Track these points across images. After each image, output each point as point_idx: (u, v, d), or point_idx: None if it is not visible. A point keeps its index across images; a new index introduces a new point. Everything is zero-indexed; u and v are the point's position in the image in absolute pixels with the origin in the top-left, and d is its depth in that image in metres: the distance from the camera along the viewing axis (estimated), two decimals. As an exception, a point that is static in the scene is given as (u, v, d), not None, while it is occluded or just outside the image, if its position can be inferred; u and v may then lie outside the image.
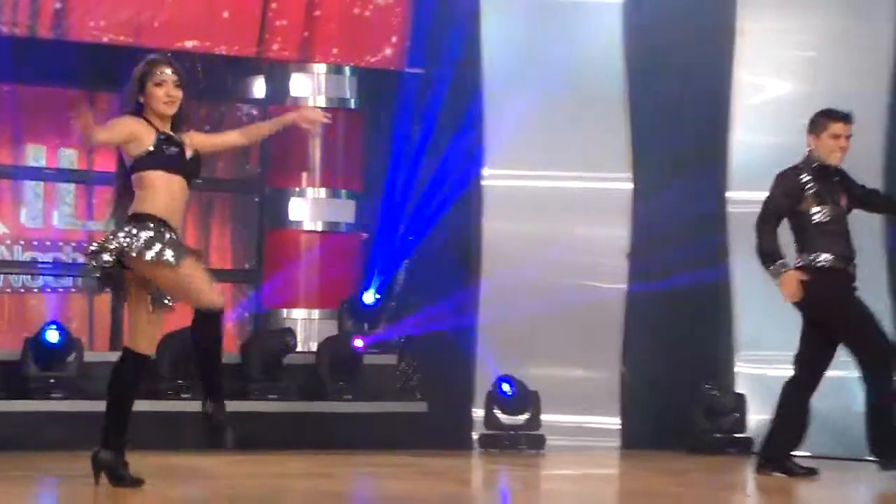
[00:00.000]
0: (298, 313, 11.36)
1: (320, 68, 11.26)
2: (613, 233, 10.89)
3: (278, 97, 11.46)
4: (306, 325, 11.34)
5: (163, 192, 6.66)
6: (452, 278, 10.72)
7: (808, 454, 10.16)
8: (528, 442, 10.25)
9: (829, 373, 10.61)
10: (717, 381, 10.58)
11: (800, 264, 8.22)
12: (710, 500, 7.42)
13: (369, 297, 10.97)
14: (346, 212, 11.43)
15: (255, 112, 11.65)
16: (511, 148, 10.82)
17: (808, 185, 8.25)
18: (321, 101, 11.31)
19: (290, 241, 11.37)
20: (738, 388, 10.59)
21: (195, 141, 6.88)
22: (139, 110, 6.74)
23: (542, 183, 10.88)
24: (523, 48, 10.91)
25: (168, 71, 6.71)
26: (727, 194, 10.84)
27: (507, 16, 10.97)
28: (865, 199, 8.55)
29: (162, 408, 9.93)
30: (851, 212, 8.44)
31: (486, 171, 10.78)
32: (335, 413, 10.38)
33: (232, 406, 10.07)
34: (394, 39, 10.77)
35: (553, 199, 10.86)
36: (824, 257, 8.20)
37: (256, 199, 11.64)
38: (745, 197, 10.82)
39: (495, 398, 10.29)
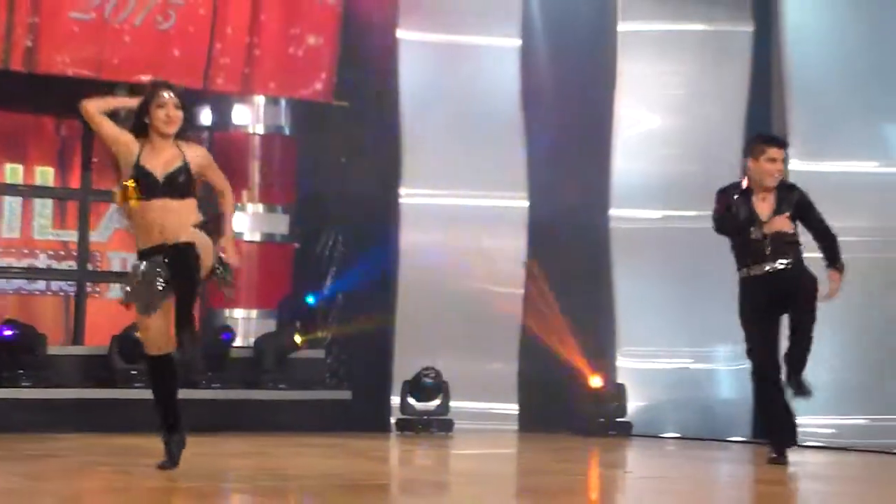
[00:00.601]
0: (239, 312, 11.26)
1: (259, 100, 11.23)
2: (512, 244, 10.86)
3: (222, 124, 11.39)
4: (245, 323, 11.26)
5: (141, 220, 6.45)
6: (373, 284, 10.66)
7: (677, 435, 10.23)
8: (438, 425, 10.19)
9: (698, 365, 10.76)
10: (601, 372, 10.58)
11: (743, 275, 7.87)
12: (594, 476, 7.39)
13: (305, 298, 10.93)
14: (281, 224, 11.37)
15: (203, 136, 11.56)
16: (425, 170, 10.77)
17: (731, 204, 7.78)
18: (259, 129, 11.30)
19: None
20: (619, 379, 10.56)
21: (193, 154, 6.60)
22: (144, 132, 6.52)
23: (451, 200, 10.83)
24: (434, 84, 10.87)
25: (167, 94, 6.53)
26: (609, 212, 10.85)
27: (420, 56, 10.92)
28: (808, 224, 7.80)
29: (116, 395, 9.82)
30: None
31: (402, 191, 10.72)
32: (271, 400, 10.29)
33: (182, 394, 10.10)
34: (323, 75, 10.71)
35: (460, 214, 10.82)
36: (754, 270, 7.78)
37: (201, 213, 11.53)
38: (625, 214, 10.88)
39: (410, 386, 10.24)
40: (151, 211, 6.42)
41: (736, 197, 7.72)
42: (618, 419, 10.35)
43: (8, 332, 9.82)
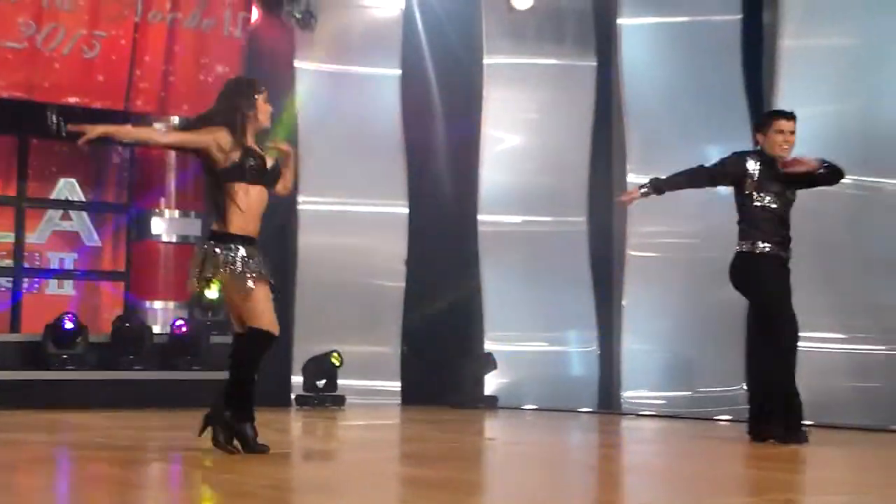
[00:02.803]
0: (158, 304, 11.06)
1: (174, 120, 11.00)
2: (394, 245, 10.84)
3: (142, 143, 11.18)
4: (164, 313, 11.06)
5: (245, 205, 5.53)
6: (275, 278, 10.53)
7: (535, 407, 10.31)
8: (332, 401, 10.13)
9: (553, 347, 10.86)
10: (471, 354, 10.61)
11: (743, 249, 6.63)
12: (464, 442, 7.41)
13: (211, 293, 10.75)
14: (194, 228, 11.16)
15: (124, 152, 11.37)
16: (320, 180, 10.69)
17: (748, 171, 6.63)
18: (176, 144, 11.09)
19: (151, 249, 11.09)
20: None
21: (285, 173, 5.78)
22: (236, 123, 5.56)
23: (342, 207, 10.77)
24: (328, 106, 10.80)
25: (265, 89, 5.67)
26: (478, 217, 10.90)
27: (316, 81, 10.85)
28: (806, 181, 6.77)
29: (49, 376, 9.65)
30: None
31: (300, 199, 10.63)
32: (186, 380, 10.12)
33: (105, 375, 9.93)
34: (230, 99, 10.57)
35: (350, 219, 10.77)
36: (761, 245, 6.60)
37: (126, 217, 11.36)
38: (491, 219, 10.94)
39: (308, 367, 10.17)
40: (255, 197, 5.55)
41: (755, 164, 6.63)
42: (485, 394, 10.38)
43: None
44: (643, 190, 6.89)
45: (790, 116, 6.74)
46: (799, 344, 6.63)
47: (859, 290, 8.60)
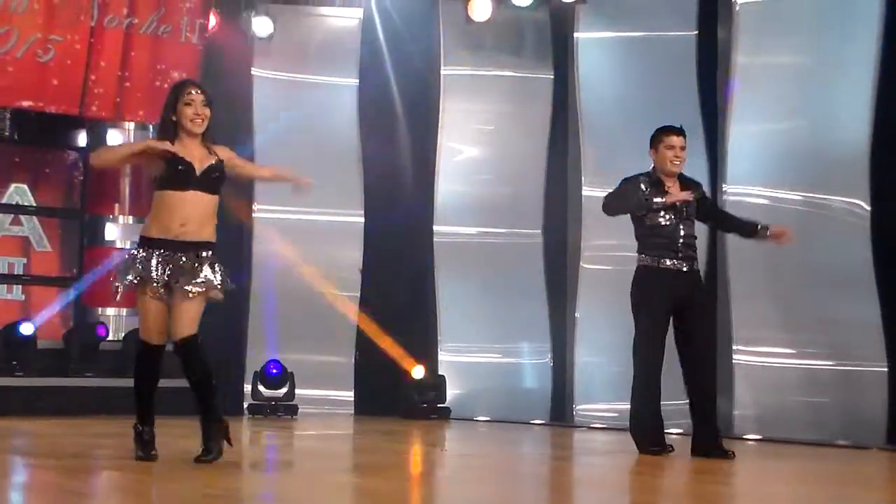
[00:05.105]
0: (111, 311, 11.00)
1: (130, 125, 10.98)
2: (350, 254, 10.83)
3: (97, 146, 10.97)
4: (116, 320, 11.01)
5: (167, 209, 5.52)
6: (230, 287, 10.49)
7: (488, 418, 10.32)
8: (285, 410, 10.09)
9: (506, 359, 10.88)
10: (425, 364, 10.61)
11: (642, 263, 6.72)
12: (417, 453, 7.42)
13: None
14: (149, 234, 11.12)
15: (78, 156, 11.30)
16: (275, 188, 10.58)
17: (646, 192, 6.68)
18: (130, 151, 11.04)
19: (105, 255, 11.03)
20: (440, 370, 10.57)
21: (225, 156, 5.75)
22: (172, 130, 5.62)
23: (299, 216, 10.74)
24: (286, 116, 10.78)
25: (194, 91, 5.64)
26: (434, 227, 10.91)
27: (273, 92, 10.83)
28: (710, 214, 7.03)
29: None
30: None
31: (256, 207, 10.59)
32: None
33: (56, 382, 9.83)
34: (187, 106, 10.53)
35: (305, 228, 10.75)
36: (656, 258, 6.66)
37: (79, 223, 11.27)
38: (446, 230, 10.95)
39: (260, 376, 10.13)
40: (182, 202, 5.52)
41: (642, 180, 6.72)
42: (438, 405, 10.36)
43: None
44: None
45: (680, 132, 6.78)
46: (743, 358, 6.74)
47: (808, 306, 8.70)
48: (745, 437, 8.23)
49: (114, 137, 11.03)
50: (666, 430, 6.83)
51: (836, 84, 8.82)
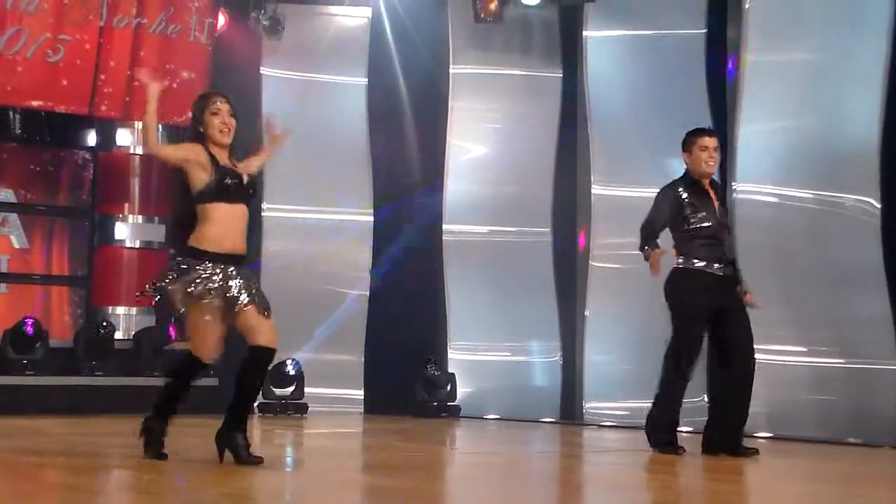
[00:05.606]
0: (120, 310, 10.99)
1: (139, 125, 10.93)
2: (359, 253, 10.84)
3: (106, 146, 11.12)
4: (126, 319, 11.00)
5: (221, 223, 5.42)
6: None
7: (498, 416, 10.31)
8: (295, 408, 10.10)
9: (516, 357, 10.86)
10: (435, 363, 10.61)
11: (679, 266, 6.61)
12: (429, 452, 7.42)
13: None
14: (158, 233, 11.12)
15: (88, 157, 11.32)
16: (284, 188, 10.68)
17: (685, 197, 6.62)
18: (139, 150, 11.06)
19: (115, 254, 11.04)
20: (450, 369, 10.57)
21: (251, 166, 5.68)
22: (200, 141, 5.53)
23: (308, 215, 10.76)
24: (294, 115, 10.74)
25: (220, 102, 5.56)
26: (443, 226, 10.90)
27: (282, 91, 10.83)
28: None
29: (8, 381, 9.51)
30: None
31: (264, 206, 10.60)
32: (149, 386, 10.03)
33: (67, 381, 9.84)
34: (196, 105, 10.55)
35: (314, 226, 10.77)
36: (698, 262, 6.55)
37: (88, 223, 11.28)
38: (456, 229, 10.95)
39: (270, 375, 10.13)
40: (233, 216, 5.43)
41: (679, 185, 6.66)
42: (448, 403, 10.37)
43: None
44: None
45: (712, 133, 6.78)
46: (754, 356, 6.71)
47: (819, 304, 8.68)
48: (755, 434, 8.21)
49: (123, 137, 11.05)
50: (677, 429, 6.81)
51: (845, 81, 8.79)
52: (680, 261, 6.63)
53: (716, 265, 6.57)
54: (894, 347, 8.36)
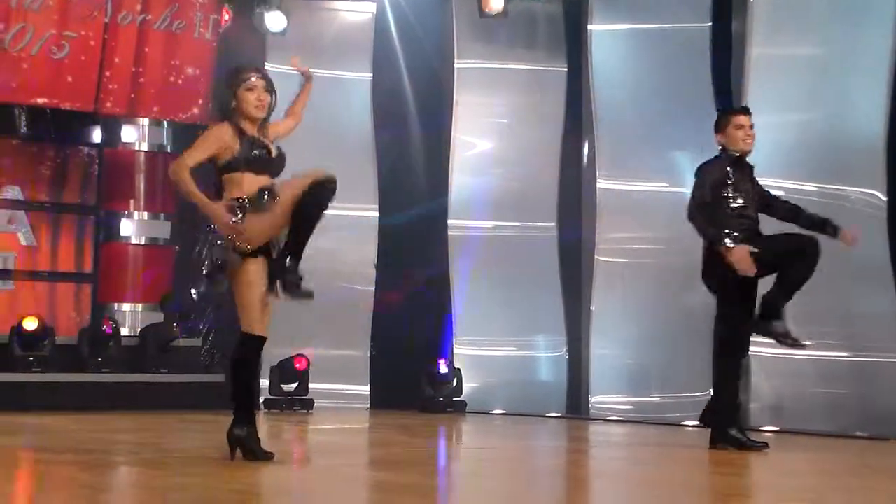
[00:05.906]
0: (126, 306, 11.01)
1: (144, 121, 11.01)
2: (365, 249, 10.84)
3: (112, 142, 11.13)
4: (132, 316, 11.02)
5: (249, 191, 5.34)
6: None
7: (504, 411, 10.32)
8: (300, 404, 10.11)
9: (521, 352, 10.86)
10: (440, 358, 10.60)
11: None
12: (433, 447, 7.42)
13: (185, 294, 10.77)
14: (163, 230, 11.15)
15: (93, 154, 11.34)
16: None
17: (731, 173, 6.51)
18: (145, 147, 11.08)
19: (120, 251, 11.06)
20: (456, 364, 10.57)
21: (279, 134, 5.67)
22: (229, 116, 5.44)
23: (312, 211, 10.74)
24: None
25: (255, 77, 5.46)
26: (448, 221, 10.90)
27: (284, 85, 10.75)
28: (768, 201, 6.77)
29: (15, 379, 9.54)
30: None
31: (272, 201, 10.59)
32: (155, 382, 10.10)
33: (71, 378, 9.87)
34: (200, 101, 10.55)
35: (321, 223, 10.72)
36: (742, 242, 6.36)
37: (94, 219, 11.30)
38: (461, 224, 10.94)
39: (276, 371, 10.14)
40: (258, 185, 5.35)
41: (722, 160, 6.54)
42: (454, 398, 10.36)
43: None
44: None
45: (747, 111, 6.69)
46: (760, 350, 6.69)
47: (826, 297, 8.64)
48: (762, 428, 8.21)
49: (128, 133, 11.06)
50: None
51: (851, 75, 8.78)
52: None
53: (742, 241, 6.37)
54: (901, 341, 8.35)
